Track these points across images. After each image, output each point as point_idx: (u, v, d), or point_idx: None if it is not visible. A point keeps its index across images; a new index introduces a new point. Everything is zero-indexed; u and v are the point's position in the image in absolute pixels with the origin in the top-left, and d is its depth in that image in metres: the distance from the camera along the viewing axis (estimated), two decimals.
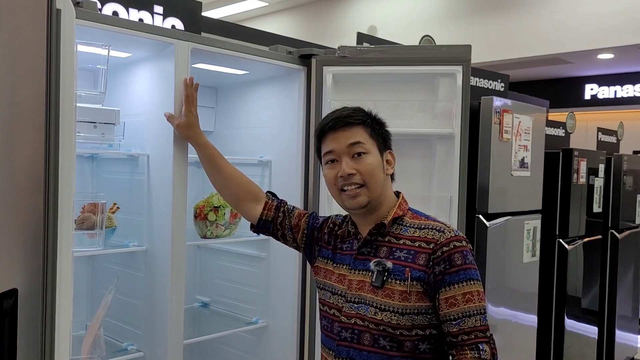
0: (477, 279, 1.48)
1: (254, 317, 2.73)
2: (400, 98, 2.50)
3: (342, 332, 1.55)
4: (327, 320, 1.62)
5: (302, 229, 1.78)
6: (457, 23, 7.55)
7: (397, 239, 1.55)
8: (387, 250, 1.54)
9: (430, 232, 1.52)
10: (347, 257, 1.61)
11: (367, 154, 1.57)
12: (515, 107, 3.23)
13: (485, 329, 1.45)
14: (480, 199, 3.10)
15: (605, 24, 6.45)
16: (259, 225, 1.85)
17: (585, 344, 4.24)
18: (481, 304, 1.46)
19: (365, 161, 1.56)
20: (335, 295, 1.59)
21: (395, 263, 1.50)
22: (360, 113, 1.62)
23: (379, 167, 1.58)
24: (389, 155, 1.64)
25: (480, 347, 1.41)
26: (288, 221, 1.81)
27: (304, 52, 2.53)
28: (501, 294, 3.19)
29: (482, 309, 1.46)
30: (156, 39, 2.06)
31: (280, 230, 1.82)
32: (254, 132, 2.79)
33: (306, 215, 1.82)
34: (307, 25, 9.29)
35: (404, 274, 1.48)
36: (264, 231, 1.86)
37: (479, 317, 1.44)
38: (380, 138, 1.62)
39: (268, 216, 1.83)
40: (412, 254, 1.51)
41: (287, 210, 1.83)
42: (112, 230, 2.25)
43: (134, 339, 2.33)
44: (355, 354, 1.52)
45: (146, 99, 2.28)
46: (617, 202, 4.63)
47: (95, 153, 2.50)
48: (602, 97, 8.70)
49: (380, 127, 1.64)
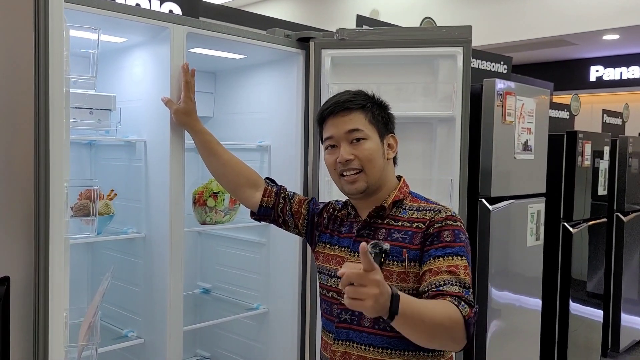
0: (465, 256, 1.43)
1: (255, 303, 2.73)
2: (400, 81, 2.47)
3: (341, 314, 1.55)
4: (327, 303, 1.62)
5: (302, 215, 1.79)
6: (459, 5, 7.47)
7: (396, 221, 1.55)
8: (386, 232, 1.54)
9: (428, 213, 1.52)
10: (347, 239, 1.61)
11: (366, 139, 1.56)
12: (518, 89, 3.18)
13: (468, 299, 1.35)
14: (483, 183, 3.07)
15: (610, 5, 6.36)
16: (259, 213, 1.84)
17: (591, 327, 4.23)
18: (466, 279, 1.39)
19: (363, 147, 1.55)
20: (334, 278, 1.59)
21: (392, 244, 1.50)
22: (360, 97, 1.60)
23: (377, 152, 1.57)
24: (390, 139, 1.62)
25: (461, 303, 1.32)
26: (289, 207, 1.80)
27: (302, 36, 2.49)
28: (505, 278, 3.17)
29: (466, 283, 1.38)
30: (151, 23, 2.02)
31: (282, 217, 1.82)
32: (252, 117, 2.77)
33: (306, 201, 1.82)
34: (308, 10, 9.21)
35: (401, 254, 1.48)
36: (264, 218, 1.86)
37: (462, 288, 1.36)
38: (380, 122, 1.60)
39: (268, 203, 1.82)
40: (409, 234, 1.50)
41: (288, 197, 1.82)
42: (110, 216, 2.23)
43: (134, 325, 2.32)
44: (354, 335, 1.52)
45: (142, 85, 2.25)
46: (622, 184, 4.59)
47: (93, 140, 2.48)
48: (608, 79, 8.61)
49: (381, 111, 1.62)
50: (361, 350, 1.50)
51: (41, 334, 1.27)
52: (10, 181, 1.21)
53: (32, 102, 1.24)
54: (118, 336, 2.29)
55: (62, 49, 1.32)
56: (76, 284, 2.47)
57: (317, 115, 1.65)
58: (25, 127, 1.24)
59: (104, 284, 1.61)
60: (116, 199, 2.31)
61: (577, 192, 3.88)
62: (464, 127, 2.42)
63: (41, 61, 1.25)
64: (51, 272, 1.28)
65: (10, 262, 1.22)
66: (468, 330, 1.32)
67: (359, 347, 1.50)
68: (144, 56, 2.25)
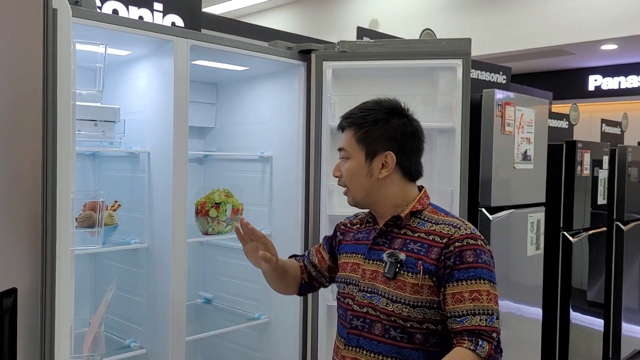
0: (489, 279, 1.44)
1: (256, 313, 2.74)
2: (400, 92, 2.45)
3: (353, 320, 1.56)
4: (342, 309, 1.63)
5: (325, 258, 1.79)
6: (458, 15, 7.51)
7: (413, 232, 1.55)
8: (402, 242, 1.54)
9: (446, 227, 1.51)
10: (363, 246, 1.62)
11: (349, 159, 1.59)
12: (517, 99, 3.21)
13: (490, 330, 1.40)
14: (483, 193, 3.09)
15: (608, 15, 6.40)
16: (302, 291, 1.83)
17: (591, 336, 4.23)
18: (490, 305, 1.41)
19: (345, 166, 1.60)
20: (349, 285, 1.60)
21: (408, 255, 1.50)
22: (357, 114, 1.59)
23: (357, 172, 1.57)
24: (386, 158, 1.56)
25: (479, 343, 1.38)
26: (314, 270, 1.79)
27: (304, 48, 2.52)
28: (505, 287, 3.18)
29: (489, 310, 1.41)
30: (155, 37, 2.05)
31: (316, 283, 1.81)
32: (254, 128, 2.79)
33: (321, 245, 1.83)
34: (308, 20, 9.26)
35: (417, 266, 1.48)
36: (309, 291, 1.87)
37: (485, 317, 1.40)
38: (373, 141, 1.55)
39: (304, 279, 1.81)
40: (425, 247, 1.50)
41: (308, 263, 1.80)
42: (113, 227, 2.25)
43: (137, 335, 2.33)
44: (365, 342, 1.53)
45: (146, 97, 2.28)
46: (621, 193, 4.60)
47: (97, 151, 2.51)
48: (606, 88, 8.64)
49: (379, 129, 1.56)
50: (371, 357, 1.51)
51: (47, 345, 1.28)
52: (17, 194, 1.22)
53: (40, 117, 1.26)
54: (121, 346, 2.30)
55: (70, 63, 1.35)
56: (79, 294, 2.48)
57: None
58: (33, 140, 1.25)
59: (108, 295, 1.62)
60: (119, 209, 2.33)
61: (577, 202, 3.89)
62: (464, 138, 2.44)
63: (49, 76, 1.27)
64: (57, 284, 1.29)
65: (17, 274, 1.23)
66: None
67: (368, 354, 1.51)
68: (148, 68, 2.28)
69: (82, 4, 1.88)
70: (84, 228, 2.04)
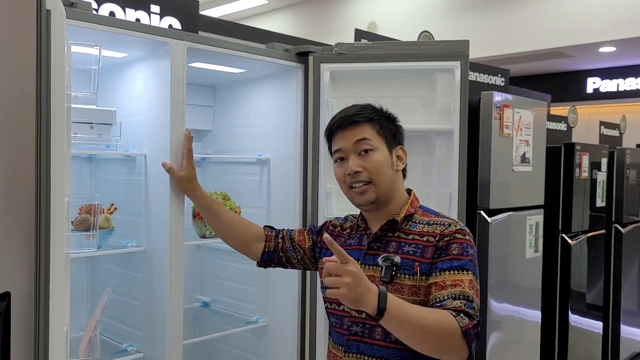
0: (472, 270, 1.45)
1: (254, 316, 2.73)
2: (398, 94, 2.48)
3: (352, 326, 1.55)
4: (336, 317, 1.62)
5: (306, 239, 1.82)
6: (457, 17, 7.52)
7: (407, 235, 1.56)
8: (396, 245, 1.55)
9: (439, 227, 1.53)
10: (357, 252, 1.61)
11: (374, 150, 1.57)
12: (515, 101, 3.20)
13: (470, 313, 1.36)
14: (482, 195, 3.08)
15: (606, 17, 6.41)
16: (263, 258, 1.86)
17: (590, 339, 4.22)
18: (471, 292, 1.40)
19: (371, 158, 1.56)
20: None
21: (403, 257, 1.51)
22: (367, 110, 1.61)
23: (386, 164, 1.58)
24: (399, 151, 1.64)
25: (461, 315, 1.34)
26: (289, 243, 1.82)
27: (301, 50, 2.51)
28: (504, 289, 3.17)
29: (469, 297, 1.39)
30: (151, 39, 2.04)
31: (284, 255, 1.83)
32: (252, 131, 2.78)
33: (306, 229, 1.85)
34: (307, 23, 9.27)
35: (413, 268, 1.49)
36: (269, 263, 1.88)
37: (464, 301, 1.37)
38: (389, 134, 1.61)
39: (269, 247, 1.84)
40: (420, 248, 1.51)
41: (286, 234, 1.84)
42: (110, 231, 2.24)
43: (134, 339, 2.32)
44: (365, 348, 1.52)
45: (143, 99, 2.27)
46: (620, 196, 4.60)
47: (93, 154, 2.49)
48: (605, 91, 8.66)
49: (389, 123, 1.63)
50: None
51: (41, 349, 1.26)
52: (11, 197, 1.21)
53: (34, 119, 1.25)
54: (117, 350, 2.28)
55: (64, 65, 1.34)
56: (75, 298, 2.46)
57: (325, 130, 1.67)
58: (27, 143, 1.24)
59: (104, 299, 1.61)
60: (116, 212, 2.32)
61: (576, 204, 3.89)
62: (462, 140, 2.44)
63: (43, 78, 1.26)
64: (52, 287, 1.28)
65: (10, 278, 1.22)
66: (468, 341, 1.33)
67: (370, 359, 1.51)
68: (145, 71, 2.27)
69: (77, 6, 1.87)
70: (80, 231, 2.02)
